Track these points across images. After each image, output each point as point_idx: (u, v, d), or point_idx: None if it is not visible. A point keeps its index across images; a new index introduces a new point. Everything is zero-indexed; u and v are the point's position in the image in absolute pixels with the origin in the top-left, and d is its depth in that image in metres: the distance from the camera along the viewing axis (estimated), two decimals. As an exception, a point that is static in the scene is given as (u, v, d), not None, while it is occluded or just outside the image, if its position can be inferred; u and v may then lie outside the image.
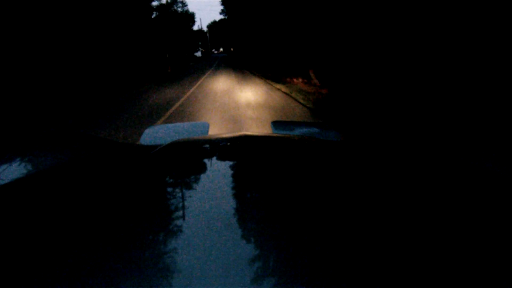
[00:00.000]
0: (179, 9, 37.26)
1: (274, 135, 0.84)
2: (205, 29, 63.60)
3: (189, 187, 0.46)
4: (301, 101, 6.17)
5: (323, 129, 1.17)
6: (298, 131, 1.12)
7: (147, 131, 1.15)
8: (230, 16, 36.96)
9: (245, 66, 19.50)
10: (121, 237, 0.31)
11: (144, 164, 0.60)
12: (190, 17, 37.37)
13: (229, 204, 0.38)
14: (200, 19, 41.35)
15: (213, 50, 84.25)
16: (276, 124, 1.22)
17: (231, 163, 0.56)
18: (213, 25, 78.49)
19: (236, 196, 0.41)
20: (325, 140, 0.84)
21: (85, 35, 9.75)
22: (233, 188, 0.43)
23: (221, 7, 37.01)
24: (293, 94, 6.93)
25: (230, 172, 0.51)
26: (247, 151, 0.65)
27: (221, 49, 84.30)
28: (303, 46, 8.70)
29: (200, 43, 48.38)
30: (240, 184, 0.46)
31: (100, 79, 9.95)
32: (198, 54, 52.67)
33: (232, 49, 41.33)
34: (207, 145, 0.72)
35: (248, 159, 0.58)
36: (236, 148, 0.68)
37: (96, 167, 0.62)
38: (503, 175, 0.53)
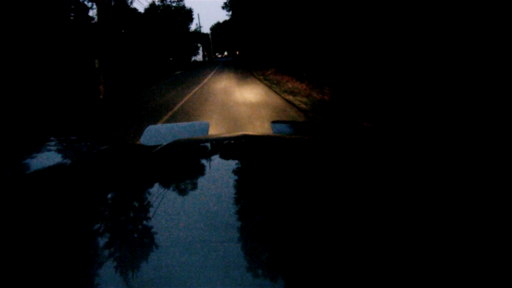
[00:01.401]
0: (174, 4, 30.40)
1: (274, 135, 0.84)
2: (207, 31, 56.71)
3: (189, 187, 0.45)
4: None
5: (322, 129, 1.20)
6: (297, 131, 1.15)
7: (147, 130, 1.16)
8: (234, 13, 30.19)
9: (255, 75, 12.85)
10: (120, 237, 0.32)
11: (145, 164, 0.59)
12: (186, 14, 30.39)
13: (229, 203, 0.38)
14: (198, 15, 33.99)
15: (216, 53, 77.73)
16: (275, 124, 1.22)
17: (231, 162, 0.56)
18: (216, 27, 72.20)
19: (236, 195, 0.41)
20: (325, 140, 0.83)
21: None
22: (233, 188, 0.43)
23: (224, 0, 30.08)
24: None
25: (230, 171, 0.50)
26: (247, 151, 0.64)
27: (225, 53, 77.74)
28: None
29: (200, 45, 41.38)
30: (240, 184, 0.45)
31: None
32: (199, 58, 45.89)
33: (237, 53, 38.03)
34: (207, 145, 0.71)
35: (248, 159, 0.58)
36: (236, 148, 0.68)
37: (98, 168, 0.62)
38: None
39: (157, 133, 1.13)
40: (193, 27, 34.31)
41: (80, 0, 9.93)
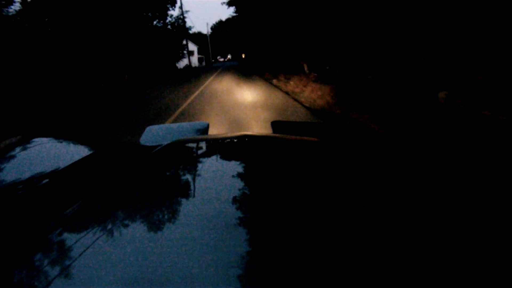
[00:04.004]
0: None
1: (274, 135, 0.83)
2: (205, 30, 45.87)
3: (189, 187, 0.45)
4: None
5: (322, 129, 1.16)
6: (297, 131, 1.11)
7: (147, 130, 1.14)
8: (239, 7, 19.32)
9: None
10: (119, 237, 0.32)
11: (144, 164, 0.58)
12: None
13: (230, 204, 0.38)
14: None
15: (218, 57, 67.00)
16: (275, 124, 1.19)
17: (231, 162, 0.55)
18: (218, 26, 61.78)
19: (236, 196, 0.40)
20: (325, 140, 0.82)
21: None
22: (233, 188, 0.43)
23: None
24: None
25: (230, 171, 0.50)
26: (247, 150, 0.63)
27: (229, 56, 66.93)
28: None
29: (186, 43, 30.09)
30: (240, 184, 0.45)
31: None
32: (193, 62, 34.96)
33: (243, 55, 29.04)
34: (207, 145, 0.70)
35: (249, 159, 0.57)
36: (236, 148, 0.67)
37: (97, 168, 0.63)
38: None
39: (157, 133, 1.11)
40: (175, 13, 22.54)
41: None
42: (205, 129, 1.14)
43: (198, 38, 51.81)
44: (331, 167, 0.54)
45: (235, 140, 0.71)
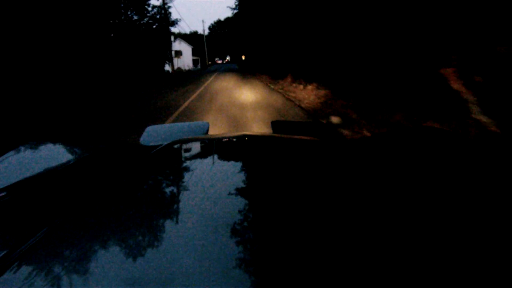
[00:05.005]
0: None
1: (274, 135, 0.82)
2: (201, 30, 41.61)
3: (190, 187, 0.45)
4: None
5: (322, 129, 1.16)
6: (297, 131, 1.12)
7: (147, 130, 1.13)
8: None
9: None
10: (119, 237, 0.32)
11: (145, 164, 0.58)
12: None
13: (230, 203, 0.37)
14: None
15: (216, 59, 62.62)
16: (275, 124, 1.19)
17: (231, 162, 0.55)
18: (216, 26, 57.55)
19: (236, 195, 0.40)
20: (325, 140, 0.81)
21: None
22: (233, 188, 0.43)
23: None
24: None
25: (230, 171, 0.49)
26: (247, 150, 0.64)
27: (228, 58, 62.65)
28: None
29: (176, 41, 25.57)
30: (241, 184, 0.45)
31: None
32: (187, 63, 30.59)
33: (243, 57, 27.26)
34: (208, 144, 0.70)
35: (249, 159, 0.57)
36: (236, 148, 0.67)
37: (97, 168, 0.63)
38: None
39: (157, 133, 1.11)
40: (159, 3, 18.00)
41: None
42: (205, 129, 1.14)
43: (193, 38, 47.43)
44: (332, 166, 0.54)
45: (235, 140, 0.72)
